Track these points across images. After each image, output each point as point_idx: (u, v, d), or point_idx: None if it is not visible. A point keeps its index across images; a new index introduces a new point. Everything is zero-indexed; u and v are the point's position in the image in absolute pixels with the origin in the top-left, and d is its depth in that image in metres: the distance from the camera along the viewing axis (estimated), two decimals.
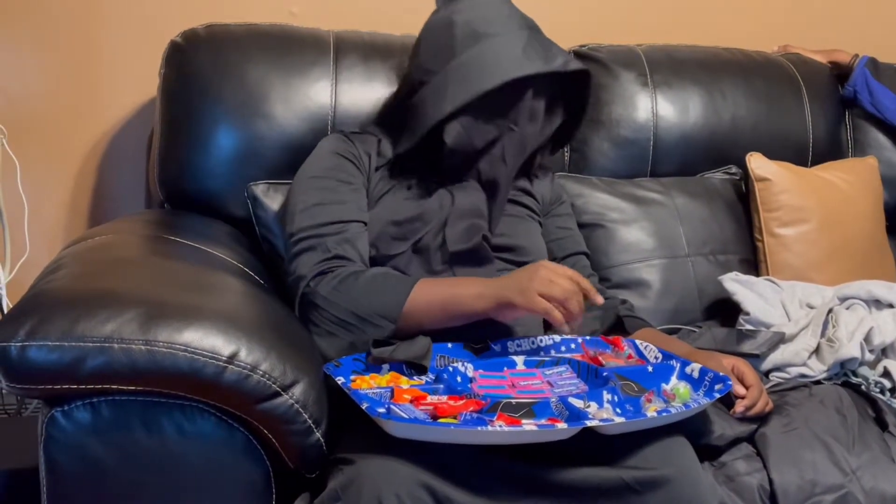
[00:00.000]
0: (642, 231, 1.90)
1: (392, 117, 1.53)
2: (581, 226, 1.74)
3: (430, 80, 1.45)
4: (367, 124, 1.59)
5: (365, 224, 1.46)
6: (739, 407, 1.38)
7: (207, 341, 1.14)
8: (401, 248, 1.44)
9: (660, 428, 1.20)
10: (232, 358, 1.14)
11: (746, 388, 1.40)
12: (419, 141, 1.45)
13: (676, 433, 1.23)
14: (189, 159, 1.68)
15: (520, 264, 1.51)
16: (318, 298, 1.32)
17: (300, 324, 1.38)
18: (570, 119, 1.59)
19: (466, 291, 1.31)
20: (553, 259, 1.62)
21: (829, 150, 2.12)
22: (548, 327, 1.54)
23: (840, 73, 2.18)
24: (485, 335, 1.39)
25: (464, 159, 1.47)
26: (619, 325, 1.54)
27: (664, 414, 1.17)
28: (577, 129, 1.60)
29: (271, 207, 1.70)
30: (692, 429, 1.28)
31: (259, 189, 1.70)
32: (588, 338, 1.44)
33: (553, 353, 1.40)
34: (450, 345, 1.37)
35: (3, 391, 1.80)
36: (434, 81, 1.44)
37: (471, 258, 1.46)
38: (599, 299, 1.26)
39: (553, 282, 1.23)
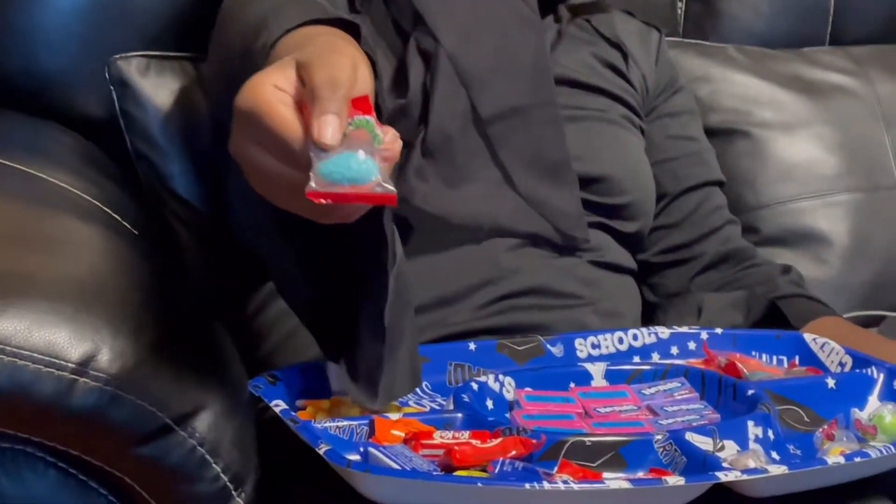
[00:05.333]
0: (817, 143, 1.52)
1: None
2: (708, 133, 1.37)
3: None
4: None
5: None
6: None
7: (41, 336, 0.87)
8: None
9: (849, 487, 0.91)
10: (85, 364, 0.87)
11: None
12: None
13: (878, 495, 0.93)
14: (7, 20, 1.37)
15: (610, 209, 1.19)
16: None
17: (207, 303, 1.13)
18: None
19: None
20: (663, 195, 1.28)
21: None
22: (647, 315, 1.23)
23: None
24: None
25: None
26: (775, 314, 1.21)
27: (857, 460, 0.88)
28: None
29: (152, 99, 1.33)
30: None
31: (130, 67, 1.32)
32: (718, 332, 1.15)
33: (656, 357, 1.11)
34: (472, 344, 1.07)
35: None
36: None
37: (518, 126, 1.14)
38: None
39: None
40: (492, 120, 1.12)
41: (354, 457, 0.85)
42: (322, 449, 0.82)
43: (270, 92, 0.73)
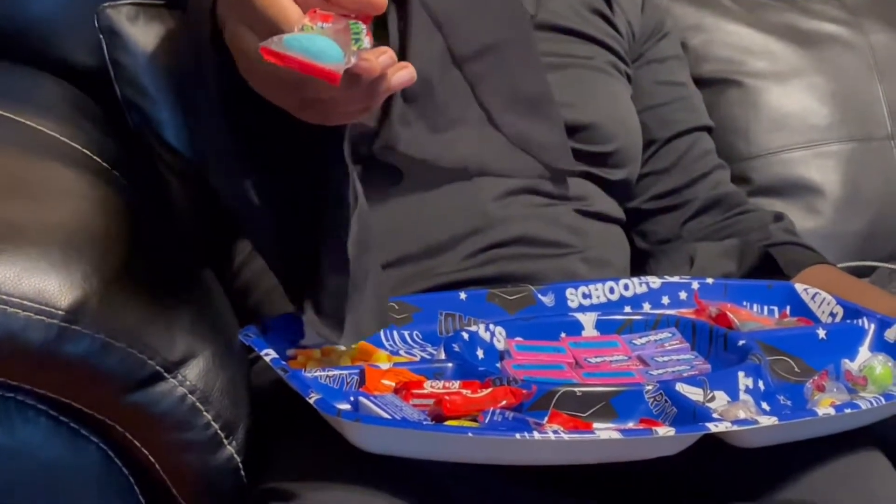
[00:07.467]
0: (810, 93, 1.51)
1: None
2: (699, 82, 1.36)
3: None
4: None
5: None
6: None
7: (31, 283, 0.86)
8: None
9: (839, 438, 0.91)
10: (75, 312, 0.86)
11: None
12: None
13: (868, 445, 0.93)
14: None
15: (597, 157, 1.17)
16: None
17: (198, 252, 1.11)
18: None
19: None
20: (652, 142, 1.26)
21: None
22: (638, 265, 1.21)
23: None
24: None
25: None
26: (768, 262, 1.19)
27: (848, 411, 0.89)
28: None
29: (141, 47, 1.30)
30: None
31: (120, 14, 1.30)
32: (709, 282, 1.14)
33: (647, 306, 1.12)
34: (463, 294, 1.07)
35: None
36: None
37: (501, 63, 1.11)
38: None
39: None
40: (468, 59, 1.11)
41: (345, 406, 0.86)
42: (312, 398, 0.83)
43: None
